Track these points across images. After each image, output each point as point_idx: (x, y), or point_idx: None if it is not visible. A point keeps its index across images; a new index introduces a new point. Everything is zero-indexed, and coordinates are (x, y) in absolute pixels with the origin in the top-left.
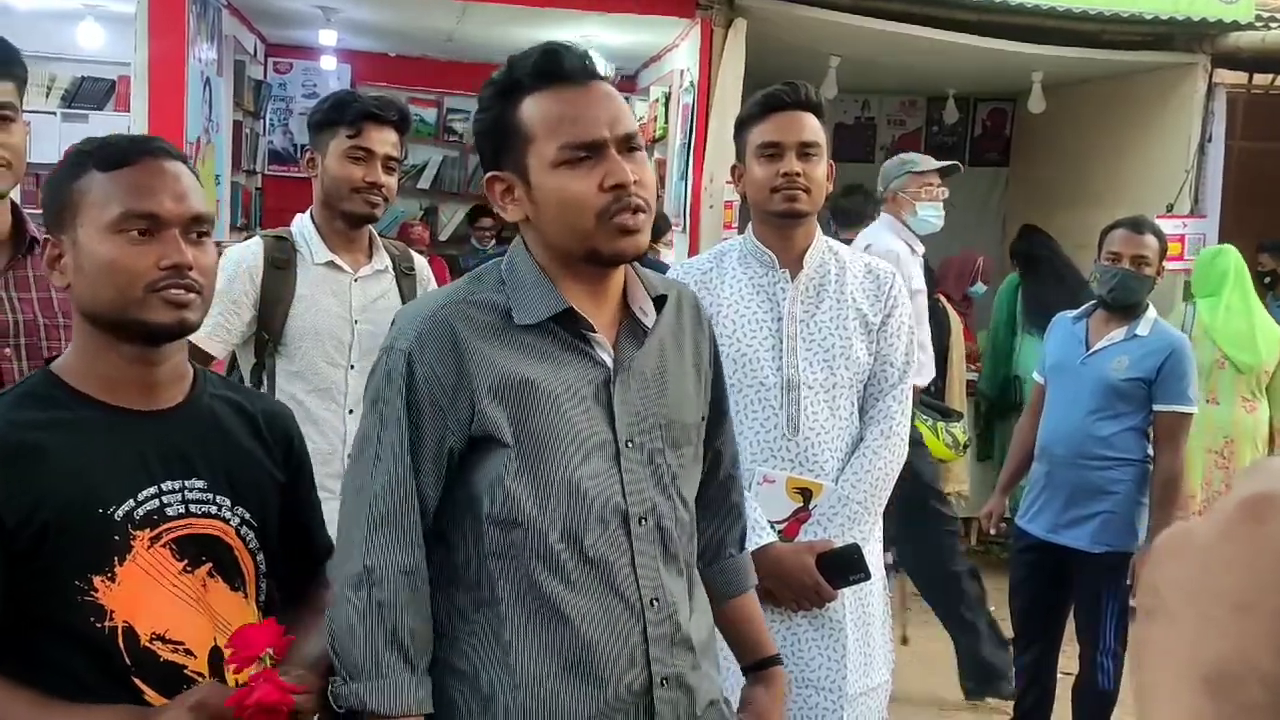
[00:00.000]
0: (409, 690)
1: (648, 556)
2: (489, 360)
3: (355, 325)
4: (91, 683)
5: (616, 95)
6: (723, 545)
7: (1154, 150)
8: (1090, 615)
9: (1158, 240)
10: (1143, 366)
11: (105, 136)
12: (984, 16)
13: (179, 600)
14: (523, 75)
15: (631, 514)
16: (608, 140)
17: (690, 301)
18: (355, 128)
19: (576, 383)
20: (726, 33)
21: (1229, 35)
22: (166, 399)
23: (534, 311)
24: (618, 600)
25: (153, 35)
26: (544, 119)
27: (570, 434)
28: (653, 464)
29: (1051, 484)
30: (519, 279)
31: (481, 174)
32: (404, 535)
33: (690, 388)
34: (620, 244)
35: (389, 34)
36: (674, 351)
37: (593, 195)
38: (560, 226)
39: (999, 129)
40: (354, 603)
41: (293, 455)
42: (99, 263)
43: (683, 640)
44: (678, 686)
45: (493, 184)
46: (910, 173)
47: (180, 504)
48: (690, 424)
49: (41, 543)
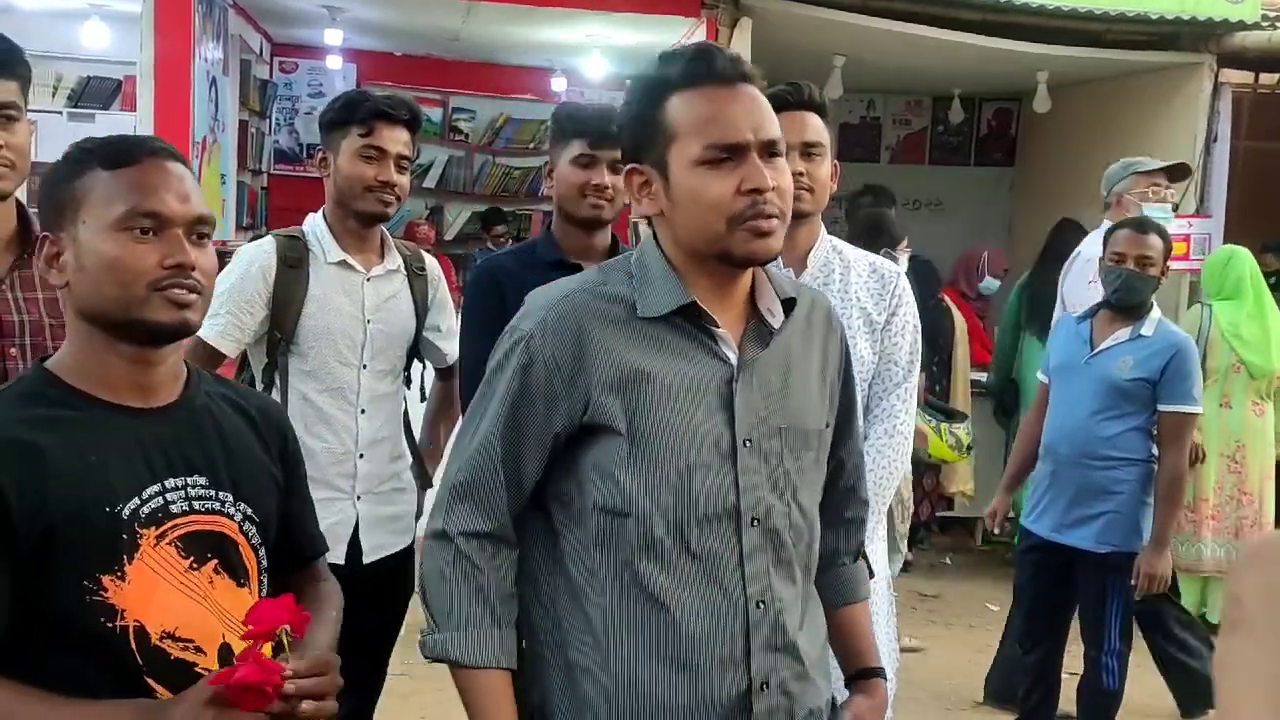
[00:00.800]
0: (493, 643)
1: (757, 557)
2: (610, 351)
3: (368, 325)
4: (103, 684)
5: (763, 100)
6: (836, 554)
7: (1159, 150)
8: (1095, 615)
9: (1162, 240)
10: (1147, 367)
11: (105, 136)
12: (989, 16)
13: (187, 597)
14: (672, 73)
15: (744, 513)
16: (750, 144)
17: (824, 309)
18: (367, 126)
19: (698, 378)
20: (732, 32)
21: (1235, 35)
22: (163, 397)
23: (658, 304)
24: (722, 598)
25: (159, 34)
26: (689, 118)
27: (687, 429)
28: (769, 466)
29: (1056, 484)
30: (647, 272)
31: (487, 173)
32: (487, 507)
33: (815, 394)
34: (752, 247)
35: (394, 33)
36: (801, 356)
37: (729, 198)
38: (693, 225)
39: (1004, 129)
40: (441, 556)
41: (287, 451)
42: (102, 260)
43: (787, 645)
44: (779, 691)
45: (631, 176)
46: (1136, 173)
47: (184, 501)
48: (812, 430)
49: (50, 543)
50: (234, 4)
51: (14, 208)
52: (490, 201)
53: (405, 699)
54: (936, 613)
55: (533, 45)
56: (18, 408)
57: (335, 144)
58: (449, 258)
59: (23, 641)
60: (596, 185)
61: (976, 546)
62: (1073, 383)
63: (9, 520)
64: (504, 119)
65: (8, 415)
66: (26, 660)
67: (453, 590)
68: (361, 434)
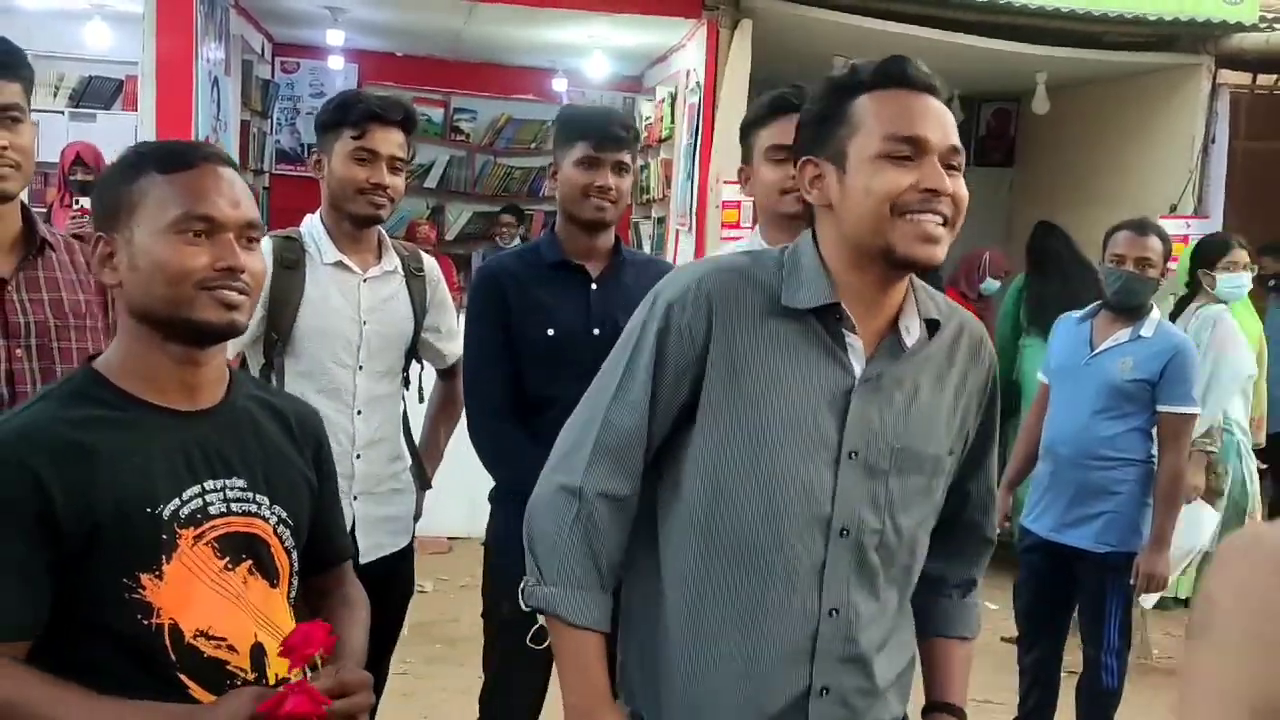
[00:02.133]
0: (599, 606)
1: (840, 568)
2: (734, 334)
3: (364, 326)
4: (136, 680)
5: (950, 115)
6: (943, 584)
7: (1158, 151)
8: (1094, 615)
9: (1162, 242)
10: (1147, 368)
11: (159, 141)
12: (988, 17)
13: (221, 597)
14: (865, 75)
15: (835, 523)
16: (933, 144)
17: (974, 335)
18: (359, 129)
19: (818, 382)
20: (733, 34)
21: (1233, 36)
22: (207, 399)
23: (804, 298)
24: (797, 600)
25: (160, 35)
26: (878, 112)
27: (794, 429)
28: (872, 481)
29: (1056, 484)
30: (798, 265)
31: (488, 174)
32: (626, 468)
33: (942, 421)
34: (915, 248)
35: (396, 34)
36: (933, 380)
37: (902, 189)
38: (862, 214)
39: (1003, 129)
40: (565, 512)
41: (321, 457)
42: (154, 261)
43: (856, 658)
44: (838, 702)
45: (805, 167)
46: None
47: (222, 503)
48: (927, 455)
49: (94, 542)
50: (236, 4)
51: (18, 209)
52: (491, 203)
53: (407, 698)
54: None
55: (534, 46)
56: (67, 407)
57: (329, 146)
58: (450, 258)
59: (61, 635)
60: (600, 187)
61: None
62: (1073, 383)
63: (54, 519)
64: (505, 119)
65: (57, 415)
66: (64, 653)
67: (571, 548)
68: (358, 435)
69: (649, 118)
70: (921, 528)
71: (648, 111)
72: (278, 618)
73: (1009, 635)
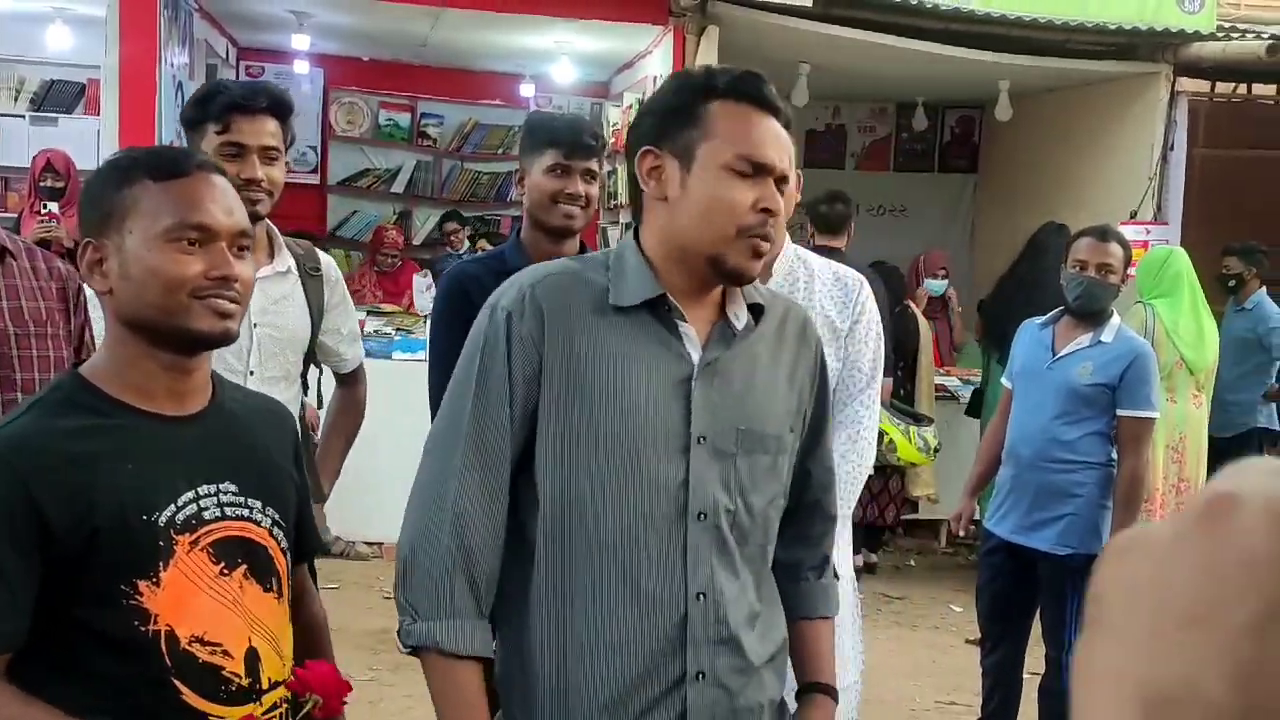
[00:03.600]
0: (480, 633)
1: (701, 551)
2: (570, 337)
3: (254, 329)
4: (130, 685)
5: (790, 140)
6: (800, 567)
7: (1118, 157)
8: (1055, 617)
9: (1122, 249)
10: (1107, 372)
11: (149, 147)
12: (952, 25)
13: (217, 602)
14: (721, 81)
15: (691, 508)
16: (775, 170)
17: (798, 319)
18: (223, 123)
19: (659, 373)
20: (699, 40)
21: (1191, 45)
22: (194, 404)
23: (631, 294)
24: (663, 589)
25: (124, 38)
26: (731, 124)
27: (642, 421)
28: (722, 464)
29: (1017, 486)
30: (623, 264)
31: (455, 178)
32: (494, 484)
33: (779, 401)
34: (746, 263)
35: (362, 38)
36: (768, 362)
37: (744, 209)
38: (700, 222)
39: (967, 136)
40: (440, 543)
41: (300, 456)
42: (147, 268)
43: (727, 640)
44: (715, 684)
45: (645, 156)
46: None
47: (216, 507)
48: (770, 434)
49: (92, 549)
50: (200, 8)
51: None
52: (459, 206)
53: (374, 705)
54: (901, 615)
55: (501, 51)
56: (57, 416)
57: (196, 144)
58: (416, 262)
59: (54, 638)
60: (570, 194)
61: (941, 549)
62: (1034, 387)
63: (47, 530)
64: (472, 124)
65: (50, 425)
66: (56, 656)
67: (444, 575)
68: None
69: (616, 123)
70: (773, 506)
71: (615, 117)
72: (273, 621)
73: (973, 638)
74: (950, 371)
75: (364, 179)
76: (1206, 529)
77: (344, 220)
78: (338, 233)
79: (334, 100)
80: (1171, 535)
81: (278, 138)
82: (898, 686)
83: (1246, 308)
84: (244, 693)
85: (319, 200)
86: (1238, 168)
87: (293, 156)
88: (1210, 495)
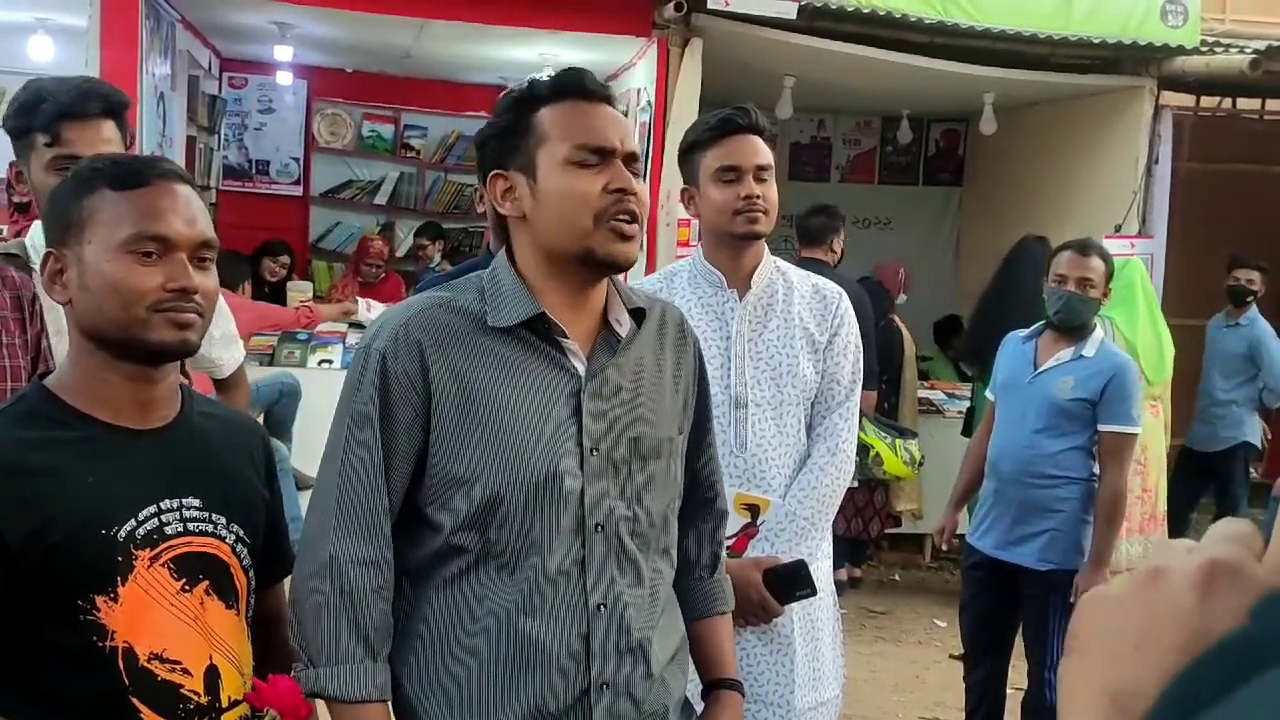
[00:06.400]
0: (369, 677)
1: (600, 562)
2: (455, 366)
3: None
4: (88, 702)
5: (624, 118)
6: (693, 566)
7: (1102, 171)
8: (1037, 631)
9: (1104, 263)
10: (1088, 387)
11: (114, 155)
12: (936, 39)
13: (177, 620)
14: (542, 90)
15: (589, 519)
16: (617, 150)
17: (675, 319)
18: (51, 133)
19: (546, 390)
20: (683, 52)
21: (1175, 59)
22: (160, 417)
23: (509, 315)
24: (562, 602)
25: (105, 49)
26: (561, 122)
27: (534, 440)
28: (617, 473)
29: (1000, 501)
30: (499, 286)
31: (439, 190)
32: (371, 529)
33: (666, 403)
34: (614, 248)
35: (346, 50)
36: (652, 366)
37: (596, 195)
38: (559, 223)
39: (952, 149)
40: (319, 590)
41: (272, 472)
42: (105, 280)
43: (632, 648)
44: (621, 694)
45: (495, 181)
46: None
47: (179, 523)
48: (663, 438)
49: (48, 563)
50: (182, 19)
51: None
52: (442, 219)
53: None
54: (885, 629)
55: (485, 63)
56: (19, 428)
57: (25, 156)
58: (399, 274)
59: (17, 657)
60: None
61: (925, 563)
62: (1016, 401)
63: (3, 543)
64: (456, 136)
65: (11, 436)
66: (16, 676)
67: (333, 624)
68: None
69: None
70: (670, 508)
71: None
72: (234, 639)
73: (957, 653)
74: (935, 386)
75: (347, 190)
76: (1146, 588)
77: (327, 231)
78: (320, 244)
79: (317, 111)
80: (1126, 593)
81: (115, 142)
82: (882, 702)
83: (1240, 324)
84: (203, 711)
85: (302, 211)
86: (1222, 181)
87: (276, 168)
88: (1149, 568)
